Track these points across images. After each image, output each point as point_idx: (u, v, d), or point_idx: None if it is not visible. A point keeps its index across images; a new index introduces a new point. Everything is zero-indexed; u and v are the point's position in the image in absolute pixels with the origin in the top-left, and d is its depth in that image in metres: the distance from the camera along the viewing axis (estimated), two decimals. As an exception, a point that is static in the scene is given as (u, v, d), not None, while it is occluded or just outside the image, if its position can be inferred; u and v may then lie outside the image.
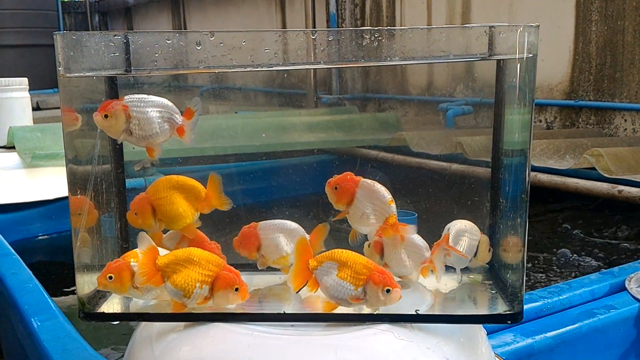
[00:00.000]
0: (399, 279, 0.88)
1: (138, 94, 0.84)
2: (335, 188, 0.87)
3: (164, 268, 0.79)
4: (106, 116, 0.80)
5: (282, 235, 0.91)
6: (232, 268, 0.80)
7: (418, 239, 0.88)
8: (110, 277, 0.80)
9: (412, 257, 0.88)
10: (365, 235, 0.90)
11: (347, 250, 0.81)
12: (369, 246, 0.90)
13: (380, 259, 0.89)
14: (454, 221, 0.91)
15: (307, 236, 0.90)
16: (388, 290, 0.76)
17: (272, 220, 0.93)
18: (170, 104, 0.84)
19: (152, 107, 0.83)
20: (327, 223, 0.89)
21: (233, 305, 0.80)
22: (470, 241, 0.90)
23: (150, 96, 0.84)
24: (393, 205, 0.87)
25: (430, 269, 0.88)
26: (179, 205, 0.87)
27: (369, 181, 0.87)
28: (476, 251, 0.91)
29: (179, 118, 0.84)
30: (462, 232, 0.89)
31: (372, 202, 0.87)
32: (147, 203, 0.86)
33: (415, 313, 0.80)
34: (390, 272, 0.80)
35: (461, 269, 0.91)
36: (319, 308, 0.81)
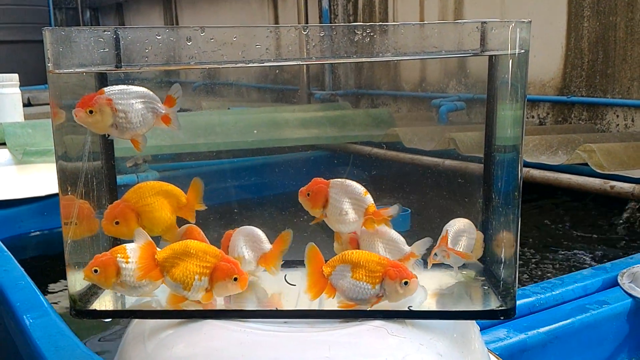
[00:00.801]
0: None
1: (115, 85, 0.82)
2: (308, 194, 0.87)
3: (163, 262, 0.79)
4: (91, 112, 0.78)
5: (244, 239, 0.91)
6: (230, 258, 0.79)
7: (394, 234, 0.88)
8: (96, 271, 0.79)
9: (391, 251, 0.88)
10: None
11: (358, 250, 0.81)
12: (340, 243, 0.90)
13: None
14: (452, 220, 0.90)
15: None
16: (406, 283, 0.76)
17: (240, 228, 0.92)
18: (151, 93, 0.83)
19: (136, 97, 0.81)
20: (290, 230, 0.88)
21: (233, 293, 0.80)
22: (469, 240, 0.90)
23: (130, 86, 0.82)
24: (368, 195, 0.87)
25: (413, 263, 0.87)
26: (166, 212, 0.86)
27: (340, 180, 0.88)
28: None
29: (161, 107, 0.83)
30: (462, 232, 0.89)
31: (347, 197, 0.87)
32: (130, 210, 0.85)
33: (408, 309, 0.80)
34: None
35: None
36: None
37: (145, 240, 0.79)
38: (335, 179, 0.88)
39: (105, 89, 0.80)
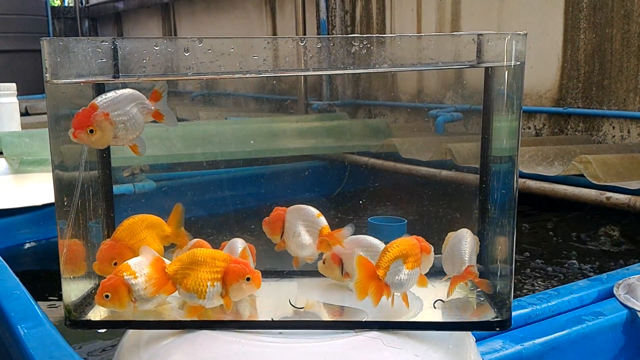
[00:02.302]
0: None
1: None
2: (269, 223, 0.91)
3: (174, 275, 0.79)
4: (92, 131, 0.77)
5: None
6: (239, 260, 0.79)
7: (373, 240, 0.89)
8: (107, 296, 0.78)
9: (373, 258, 0.88)
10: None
11: (395, 242, 0.81)
12: (323, 262, 0.90)
13: (340, 272, 0.89)
14: (457, 236, 0.90)
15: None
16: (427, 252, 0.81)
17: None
18: (137, 92, 0.82)
19: (129, 103, 0.80)
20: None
21: (248, 294, 0.79)
22: (474, 251, 0.90)
23: (118, 91, 0.81)
24: (322, 217, 0.89)
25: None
26: (157, 244, 0.88)
27: (296, 205, 0.90)
28: None
29: (149, 103, 0.83)
30: (472, 250, 0.89)
31: (301, 220, 0.89)
32: (126, 248, 0.85)
33: (404, 320, 0.80)
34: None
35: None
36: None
37: (152, 256, 0.79)
38: (293, 206, 0.90)
39: (98, 102, 0.79)
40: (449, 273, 0.89)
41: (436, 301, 0.86)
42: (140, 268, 0.79)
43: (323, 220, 0.89)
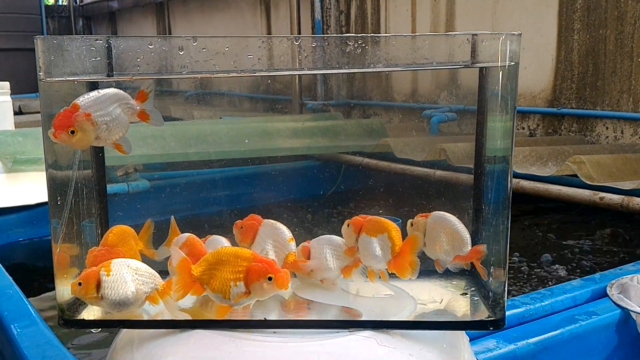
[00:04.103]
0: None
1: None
2: (241, 228, 0.91)
3: (200, 276, 0.78)
4: (72, 132, 0.76)
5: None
6: (264, 258, 0.78)
7: (338, 239, 0.90)
8: (80, 283, 0.78)
9: (339, 257, 0.89)
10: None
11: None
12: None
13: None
14: (438, 217, 0.89)
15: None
16: None
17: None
18: (122, 92, 0.81)
19: (112, 103, 0.79)
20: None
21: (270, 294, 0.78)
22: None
23: (102, 91, 0.79)
24: (293, 243, 0.90)
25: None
26: (138, 254, 0.89)
27: (272, 221, 0.91)
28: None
29: (134, 104, 0.81)
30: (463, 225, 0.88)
31: (273, 239, 0.89)
32: (119, 255, 0.85)
33: (398, 320, 0.80)
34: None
35: (443, 275, 0.91)
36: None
37: (180, 258, 0.79)
38: (269, 220, 0.91)
39: (80, 102, 0.77)
40: (446, 256, 0.88)
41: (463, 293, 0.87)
42: (118, 269, 0.79)
43: (293, 246, 0.90)
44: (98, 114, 0.78)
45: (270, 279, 0.76)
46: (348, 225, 0.88)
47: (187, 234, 0.90)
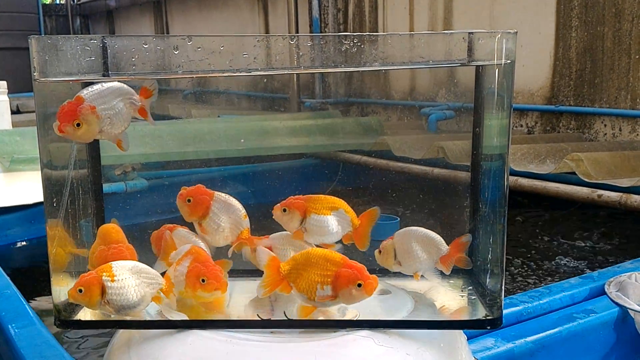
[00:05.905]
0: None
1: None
2: (189, 200, 0.86)
3: (288, 275, 0.79)
4: (78, 124, 0.75)
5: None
6: (354, 264, 0.77)
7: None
8: (80, 290, 0.77)
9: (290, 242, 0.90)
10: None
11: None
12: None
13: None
14: (404, 234, 0.89)
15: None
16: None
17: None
18: (126, 86, 0.80)
19: (116, 97, 0.79)
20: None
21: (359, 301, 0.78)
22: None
23: (105, 84, 0.79)
24: (247, 219, 0.88)
25: None
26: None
27: (224, 195, 0.88)
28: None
29: (137, 99, 0.81)
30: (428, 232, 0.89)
31: (228, 215, 0.87)
32: (125, 251, 0.85)
33: (395, 319, 0.80)
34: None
35: (441, 275, 0.91)
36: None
37: (268, 256, 0.79)
38: (220, 193, 0.88)
39: (84, 95, 0.77)
40: (426, 264, 0.88)
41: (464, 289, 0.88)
42: (121, 272, 0.78)
43: (247, 223, 0.88)
44: (102, 107, 0.78)
45: (359, 285, 0.75)
46: (285, 210, 0.86)
47: (191, 245, 0.88)
